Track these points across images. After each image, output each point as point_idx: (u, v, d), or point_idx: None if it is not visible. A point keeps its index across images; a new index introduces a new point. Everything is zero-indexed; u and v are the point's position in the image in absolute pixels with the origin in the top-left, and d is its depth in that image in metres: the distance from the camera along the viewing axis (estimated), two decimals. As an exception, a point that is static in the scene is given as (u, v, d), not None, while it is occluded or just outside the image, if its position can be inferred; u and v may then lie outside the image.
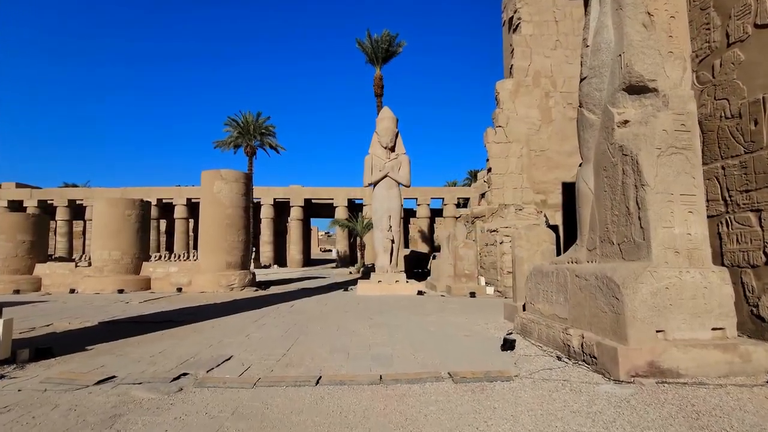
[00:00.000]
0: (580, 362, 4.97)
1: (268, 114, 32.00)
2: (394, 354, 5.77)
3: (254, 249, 39.14)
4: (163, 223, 45.90)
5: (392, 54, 26.97)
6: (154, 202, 41.65)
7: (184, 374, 4.73)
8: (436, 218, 48.19)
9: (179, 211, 41.96)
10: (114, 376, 4.65)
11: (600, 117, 5.51)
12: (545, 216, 14.96)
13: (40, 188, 43.56)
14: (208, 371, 4.88)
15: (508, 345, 5.85)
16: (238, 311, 10.11)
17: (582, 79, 5.84)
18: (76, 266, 16.20)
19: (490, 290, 13.63)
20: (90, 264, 16.00)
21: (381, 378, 4.56)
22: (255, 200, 40.87)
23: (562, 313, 5.72)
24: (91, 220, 29.03)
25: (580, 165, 6.09)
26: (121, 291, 14.85)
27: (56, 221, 42.57)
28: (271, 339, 6.82)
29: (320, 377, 4.61)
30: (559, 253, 8.94)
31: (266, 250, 41.64)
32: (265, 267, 39.13)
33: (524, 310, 7.52)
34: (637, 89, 5.02)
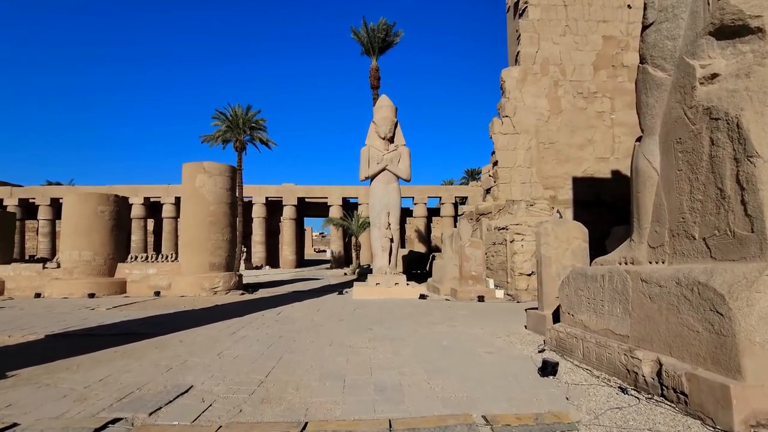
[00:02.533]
0: (656, 397, 3.69)
1: (259, 107, 30.59)
2: (403, 381, 4.47)
3: (245, 249, 37.70)
4: (151, 223, 44.31)
5: (389, 44, 25.66)
6: (141, 201, 40.12)
7: (117, 420, 3.40)
8: (433, 218, 47.04)
9: (167, 210, 40.40)
10: (15, 425, 3.31)
11: (672, 74, 4.25)
12: (559, 212, 13.74)
13: (22, 186, 41.84)
14: (151, 413, 3.56)
15: (549, 369, 4.57)
16: (217, 320, 8.76)
17: (646, 27, 4.55)
18: (44, 268, 14.75)
19: (499, 294, 12.37)
20: (59, 265, 14.57)
21: (390, 425, 3.26)
22: (247, 199, 39.43)
23: (619, 329, 4.45)
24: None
25: (638, 140, 4.82)
26: (92, 295, 13.43)
27: (39, 221, 40.92)
28: (249, 358, 5.49)
29: (306, 425, 3.30)
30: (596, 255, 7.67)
31: (258, 251, 40.19)
32: (257, 268, 37.68)
33: (556, 321, 6.25)
34: (731, 31, 3.76)
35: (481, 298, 11.90)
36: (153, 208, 41.93)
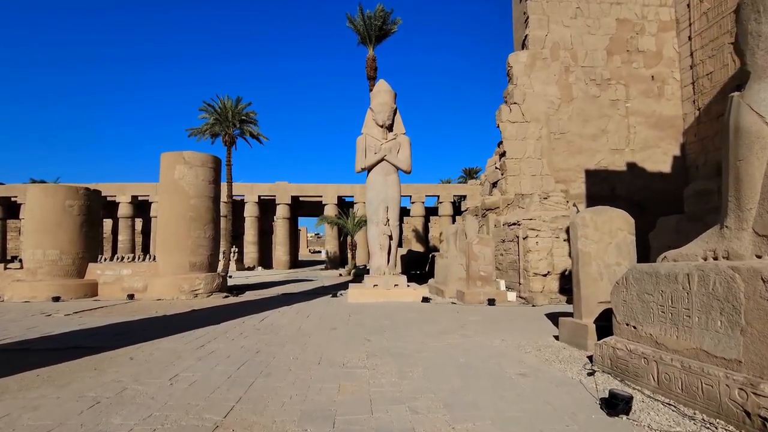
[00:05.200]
0: (811, 461, 2.41)
1: (249, 100, 29.15)
2: (417, 425, 3.17)
3: (237, 250, 36.30)
4: (139, 222, 42.80)
5: (386, 33, 24.35)
6: (128, 200, 38.79)
7: None
8: (431, 217, 45.89)
9: (156, 209, 38.90)
10: None
11: (805, -16, 2.97)
12: (576, 206, 12.48)
13: (4, 184, 40.23)
14: (23, 495, 2.23)
15: (621, 405, 3.27)
16: (188, 328, 7.43)
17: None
18: (5, 268, 13.34)
19: (511, 296, 11.09)
20: (22, 266, 13.16)
21: None
22: (239, 197, 38.06)
23: (722, 350, 3.16)
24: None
25: (737, 90, 3.54)
26: (56, 299, 12.03)
27: (21, 220, 39.28)
28: (209, 385, 4.17)
29: None
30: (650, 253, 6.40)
31: (250, 251, 38.82)
32: (249, 269, 36.32)
33: (603, 333, 4.97)
34: None
35: (491, 302, 10.62)
36: (141, 207, 40.46)
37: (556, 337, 6.28)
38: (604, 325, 5.29)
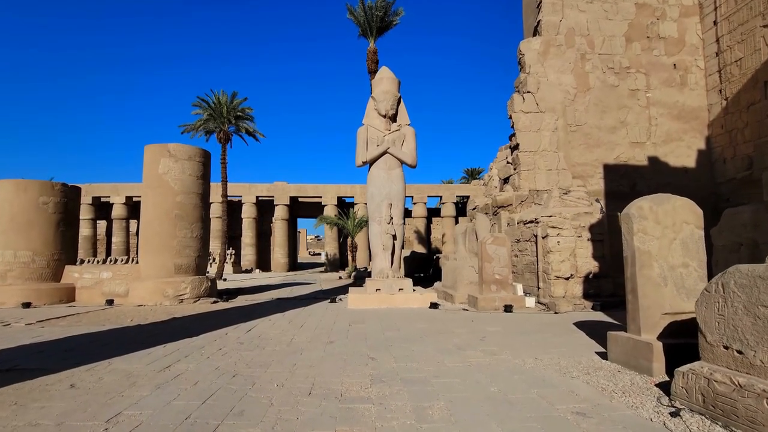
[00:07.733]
0: None
1: (245, 95, 28.04)
2: None
3: (233, 252, 35.25)
4: (133, 224, 41.67)
5: (388, 25, 23.28)
6: (122, 201, 37.68)
7: None
8: (433, 218, 44.85)
9: (150, 210, 37.78)
10: None
11: None
12: (600, 203, 11.34)
13: (-5, 185, 39.07)
14: None
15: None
16: (158, 343, 6.30)
17: None
18: (-27, 272, 12.20)
19: (530, 302, 9.96)
20: (-8, 268, 12.03)
21: None
22: (236, 198, 36.99)
23: None
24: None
25: None
26: (27, 305, 10.90)
27: (12, 221, 38.19)
28: (159, 430, 3.04)
29: None
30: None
31: (248, 253, 37.69)
32: (246, 271, 35.19)
33: (677, 355, 3.85)
34: None
35: (508, 308, 9.48)
36: (137, 208, 39.32)
37: (601, 355, 5.15)
38: (674, 343, 4.16)
